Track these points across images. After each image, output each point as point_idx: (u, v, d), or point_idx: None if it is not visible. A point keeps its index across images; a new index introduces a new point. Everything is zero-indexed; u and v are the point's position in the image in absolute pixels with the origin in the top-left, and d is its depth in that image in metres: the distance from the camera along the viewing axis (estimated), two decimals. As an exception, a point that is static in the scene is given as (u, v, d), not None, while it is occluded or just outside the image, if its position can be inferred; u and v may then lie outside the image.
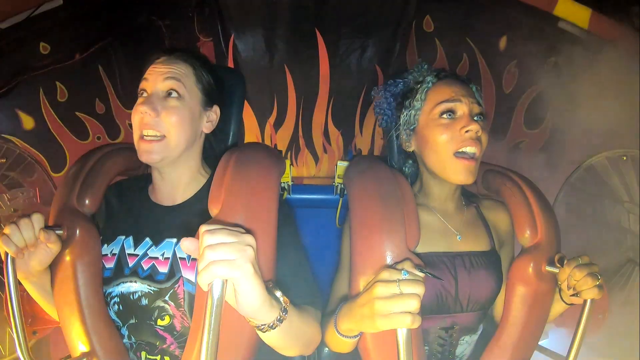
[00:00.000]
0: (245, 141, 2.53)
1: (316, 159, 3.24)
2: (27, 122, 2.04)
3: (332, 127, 3.15)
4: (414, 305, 0.83)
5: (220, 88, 1.32)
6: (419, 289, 0.85)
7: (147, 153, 1.14)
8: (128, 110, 2.46)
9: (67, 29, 2.17)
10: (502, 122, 2.38)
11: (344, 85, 2.99)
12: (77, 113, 2.22)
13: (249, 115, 2.90)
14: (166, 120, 1.15)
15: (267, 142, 3.17)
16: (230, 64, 2.87)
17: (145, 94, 1.18)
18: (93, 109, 2.29)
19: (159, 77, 1.17)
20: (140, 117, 1.15)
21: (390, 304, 0.85)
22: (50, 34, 2.09)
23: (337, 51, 2.88)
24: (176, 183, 1.25)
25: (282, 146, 3.18)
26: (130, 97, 2.45)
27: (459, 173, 1.20)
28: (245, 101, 1.74)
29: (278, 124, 3.12)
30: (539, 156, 2.21)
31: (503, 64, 2.45)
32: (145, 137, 1.15)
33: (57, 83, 2.12)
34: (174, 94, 1.17)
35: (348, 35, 2.85)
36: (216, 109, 1.30)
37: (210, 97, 1.27)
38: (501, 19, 2.45)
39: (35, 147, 2.03)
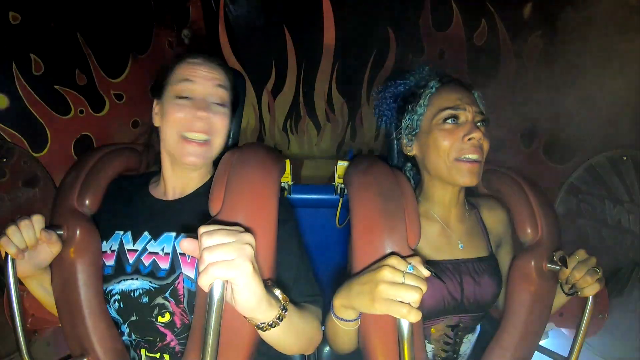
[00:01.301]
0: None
1: (318, 128, 3.27)
2: (1, 100, 1.98)
3: (336, 94, 3.16)
4: (415, 297, 0.94)
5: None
6: (423, 285, 0.97)
7: (194, 156, 1.31)
8: (112, 80, 2.51)
9: None
10: (521, 98, 2.42)
11: (351, 49, 3.01)
12: (56, 86, 2.22)
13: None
14: (214, 126, 1.33)
15: (265, 110, 3.20)
16: (222, 25, 2.88)
17: (189, 97, 1.33)
18: (73, 80, 2.30)
19: (209, 83, 1.34)
20: (188, 119, 1.30)
21: (392, 290, 0.96)
22: (20, 1, 2.02)
23: (344, 10, 2.88)
24: (187, 180, 1.41)
25: (281, 114, 3.22)
26: (113, 65, 2.48)
27: (463, 175, 1.32)
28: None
29: (276, 91, 3.15)
30: (558, 133, 2.28)
31: (526, 34, 2.43)
32: (192, 140, 1.31)
33: (32, 55, 2.09)
34: (222, 102, 1.36)
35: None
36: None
37: (235, 103, 1.45)
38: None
39: (12, 127, 2.01)
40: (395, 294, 0.96)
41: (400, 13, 2.91)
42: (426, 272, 1.00)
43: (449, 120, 1.35)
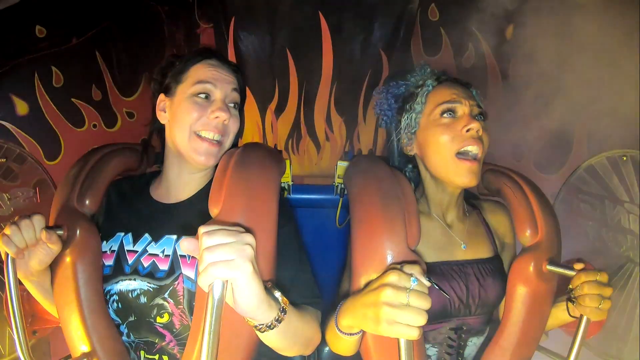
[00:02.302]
0: (245, 128, 2.56)
1: (318, 146, 3.24)
2: (21, 107, 2.02)
3: (334, 114, 3.14)
4: (421, 321, 0.84)
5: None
6: (427, 304, 0.86)
7: (208, 155, 1.23)
8: (125, 98, 2.48)
9: (64, 12, 2.15)
10: (509, 114, 2.38)
11: (348, 71, 2.98)
12: (72, 99, 2.21)
13: (249, 101, 2.91)
14: (229, 128, 1.27)
15: (268, 128, 3.18)
16: (231, 50, 2.88)
17: (208, 97, 1.25)
18: (89, 95, 2.29)
19: (227, 86, 1.27)
20: (204, 118, 1.23)
21: (397, 314, 0.85)
22: (47, 17, 2.07)
23: (341, 35, 2.87)
24: (189, 181, 1.32)
25: (283, 133, 3.19)
26: (127, 84, 2.46)
27: (462, 175, 1.22)
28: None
29: (279, 111, 3.12)
30: (545, 148, 2.23)
31: (510, 54, 2.42)
32: (206, 138, 1.23)
33: (53, 68, 2.10)
34: (236, 105, 1.30)
35: (352, 19, 2.83)
36: None
37: (241, 106, 1.37)
38: (508, 7, 2.36)
39: (29, 134, 2.02)
40: (399, 317, 0.85)
41: (391, 38, 2.90)
42: (427, 283, 0.89)
43: (446, 114, 1.25)
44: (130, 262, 1.21)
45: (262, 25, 2.86)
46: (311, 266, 1.27)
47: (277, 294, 0.98)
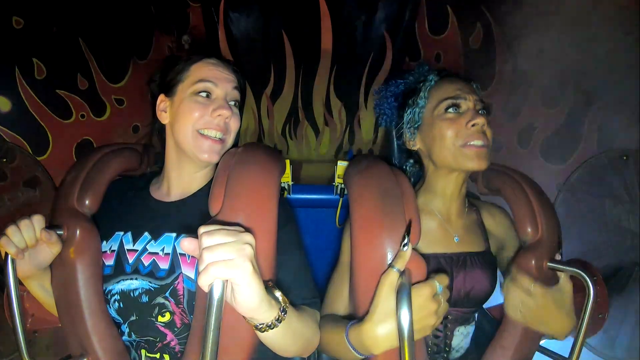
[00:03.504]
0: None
1: (317, 131, 3.26)
2: (3, 104, 2.02)
3: (334, 98, 3.15)
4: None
5: None
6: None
7: (212, 153, 1.32)
8: (113, 85, 2.52)
9: (42, 0, 2.14)
10: (517, 98, 2.41)
11: (348, 53, 3.00)
12: (57, 91, 2.23)
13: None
14: (230, 126, 1.37)
15: (264, 114, 3.20)
16: (221, 31, 2.88)
17: (209, 96, 1.35)
18: (75, 85, 2.31)
19: (228, 84, 1.37)
20: (207, 116, 1.32)
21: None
22: (23, 7, 2.05)
23: (341, 15, 2.87)
24: (190, 180, 1.41)
25: (279, 119, 3.21)
26: (114, 70, 2.47)
27: (471, 159, 1.31)
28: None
29: (275, 95, 3.14)
30: (553, 137, 2.26)
31: (520, 35, 2.41)
32: (209, 137, 1.32)
33: (34, 60, 2.11)
34: (237, 103, 1.39)
35: (354, -2, 2.81)
36: None
37: (242, 105, 1.46)
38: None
39: (14, 130, 2.04)
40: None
41: (396, 18, 2.91)
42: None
43: (451, 110, 1.35)
44: (130, 261, 1.29)
45: (255, 4, 2.85)
46: (311, 266, 1.35)
47: (278, 293, 1.06)
